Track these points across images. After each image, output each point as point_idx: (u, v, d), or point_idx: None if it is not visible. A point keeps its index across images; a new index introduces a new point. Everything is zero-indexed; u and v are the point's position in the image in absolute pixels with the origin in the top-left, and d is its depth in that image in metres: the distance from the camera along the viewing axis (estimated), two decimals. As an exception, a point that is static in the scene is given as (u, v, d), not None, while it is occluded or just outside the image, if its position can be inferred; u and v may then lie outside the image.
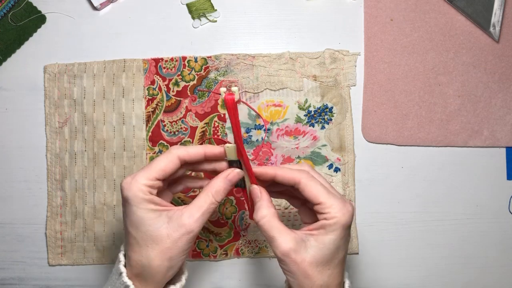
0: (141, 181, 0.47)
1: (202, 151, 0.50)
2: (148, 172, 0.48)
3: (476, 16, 0.67)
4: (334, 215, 0.46)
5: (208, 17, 0.68)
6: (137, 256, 0.47)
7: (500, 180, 0.68)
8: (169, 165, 0.49)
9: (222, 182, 0.49)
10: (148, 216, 0.47)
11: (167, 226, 0.47)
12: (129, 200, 0.47)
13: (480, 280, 0.68)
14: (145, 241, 0.47)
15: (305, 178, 0.48)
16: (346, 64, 0.67)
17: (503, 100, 0.68)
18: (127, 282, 0.47)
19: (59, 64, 0.67)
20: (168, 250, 0.47)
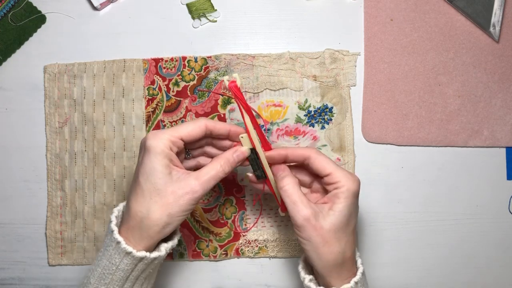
0: (165, 135, 0.51)
1: (228, 127, 0.54)
2: (174, 130, 0.51)
3: (476, 16, 0.67)
4: (345, 183, 0.51)
5: (208, 17, 0.68)
6: (139, 207, 0.50)
7: (500, 180, 0.68)
8: (195, 129, 0.52)
9: (231, 154, 0.53)
10: (161, 170, 0.50)
11: (174, 184, 0.50)
12: (150, 148, 0.50)
13: (480, 280, 0.68)
14: (150, 193, 0.50)
15: (314, 153, 0.53)
16: (346, 64, 0.67)
17: (503, 100, 0.68)
18: (118, 238, 0.49)
19: (59, 64, 0.68)
20: (169, 206, 0.50)
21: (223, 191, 0.67)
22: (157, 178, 0.50)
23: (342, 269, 0.51)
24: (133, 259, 0.50)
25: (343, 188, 0.51)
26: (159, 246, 0.53)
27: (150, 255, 0.50)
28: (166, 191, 0.50)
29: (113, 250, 0.50)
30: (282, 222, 0.67)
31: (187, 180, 0.50)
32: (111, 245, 0.50)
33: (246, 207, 0.67)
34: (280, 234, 0.67)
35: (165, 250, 0.52)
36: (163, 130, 0.51)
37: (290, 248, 0.67)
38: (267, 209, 0.67)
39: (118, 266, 0.50)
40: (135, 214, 0.50)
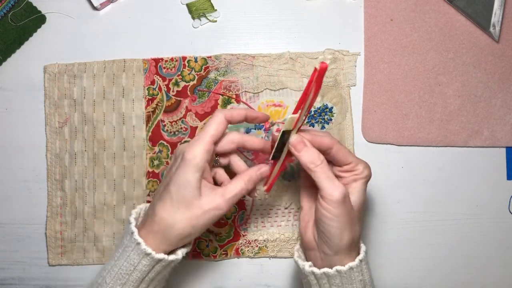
0: (201, 146, 0.52)
1: (244, 112, 0.56)
2: (203, 138, 0.53)
3: (476, 16, 0.67)
4: (363, 169, 0.55)
5: (208, 17, 0.68)
6: (166, 215, 0.52)
7: (500, 180, 0.68)
8: (219, 126, 0.54)
9: (255, 173, 0.56)
10: (194, 183, 0.52)
11: (202, 198, 0.52)
12: (187, 160, 0.52)
13: (480, 280, 0.68)
14: (179, 202, 0.52)
15: (336, 144, 0.55)
16: (346, 64, 0.67)
17: (503, 100, 0.68)
18: (138, 239, 0.51)
19: (59, 64, 0.68)
20: (195, 219, 0.52)
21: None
22: (188, 191, 0.52)
23: (352, 248, 0.53)
24: (151, 261, 0.51)
25: (363, 174, 0.55)
26: (176, 250, 0.54)
27: (168, 257, 0.52)
28: (194, 205, 0.52)
29: (132, 250, 0.51)
30: (282, 222, 0.67)
31: (214, 196, 0.53)
32: (130, 246, 0.52)
33: (246, 207, 0.67)
34: (280, 234, 0.67)
35: (181, 254, 0.54)
36: (196, 140, 0.53)
37: (290, 248, 0.67)
38: (267, 209, 0.67)
39: (136, 266, 0.51)
40: (161, 221, 0.52)
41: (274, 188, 0.67)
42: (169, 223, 0.52)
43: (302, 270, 0.55)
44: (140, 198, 0.67)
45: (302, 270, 0.55)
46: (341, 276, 0.52)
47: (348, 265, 0.52)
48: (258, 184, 0.58)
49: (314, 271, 0.53)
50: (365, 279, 0.53)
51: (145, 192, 0.67)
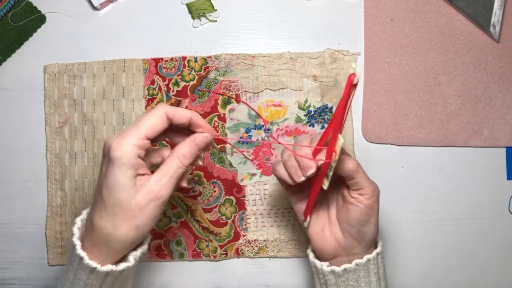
0: (130, 141, 0.46)
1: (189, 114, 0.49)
2: (137, 130, 0.46)
3: (476, 16, 0.67)
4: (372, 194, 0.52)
5: (208, 17, 0.68)
6: (103, 223, 0.46)
7: (500, 180, 0.68)
8: (157, 122, 0.47)
9: (188, 146, 0.49)
10: (125, 183, 0.46)
11: (137, 194, 0.46)
12: (114, 159, 0.45)
13: (480, 280, 0.68)
14: (113, 208, 0.46)
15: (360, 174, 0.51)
16: (346, 64, 0.67)
17: (503, 100, 0.68)
18: (81, 253, 0.46)
19: (59, 64, 0.67)
20: (135, 218, 0.46)
21: (223, 191, 0.67)
22: (120, 192, 0.45)
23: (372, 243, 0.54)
24: (98, 274, 0.46)
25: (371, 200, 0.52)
26: (128, 255, 0.49)
27: (116, 268, 0.47)
28: (130, 205, 0.46)
29: (78, 265, 0.46)
30: (282, 222, 0.67)
31: (148, 186, 0.46)
32: (75, 261, 0.47)
33: (246, 207, 0.67)
34: (280, 234, 0.67)
35: (133, 259, 0.49)
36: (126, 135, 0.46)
37: (290, 248, 0.67)
38: (267, 209, 0.67)
39: (86, 281, 0.46)
40: (100, 231, 0.46)
41: (274, 188, 0.67)
42: (109, 231, 0.46)
43: (320, 271, 0.54)
44: (140, 198, 0.67)
45: (320, 271, 0.54)
46: (358, 269, 0.52)
47: (366, 257, 0.52)
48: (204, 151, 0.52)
49: (334, 270, 0.52)
50: (379, 273, 0.53)
51: (145, 192, 0.67)
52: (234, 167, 0.67)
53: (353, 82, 0.43)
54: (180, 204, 0.67)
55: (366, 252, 0.53)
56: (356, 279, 0.52)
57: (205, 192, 0.67)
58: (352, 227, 0.52)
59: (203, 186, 0.67)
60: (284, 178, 0.52)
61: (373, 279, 0.53)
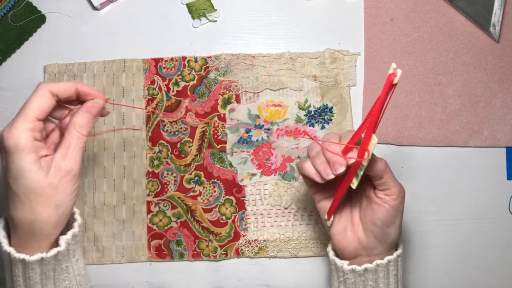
0: (22, 126, 0.45)
1: (73, 85, 0.49)
2: (25, 115, 0.46)
3: (476, 16, 0.67)
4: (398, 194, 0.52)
5: (208, 17, 0.68)
6: (22, 214, 0.45)
7: (500, 180, 0.68)
8: (43, 101, 0.47)
9: (82, 115, 0.49)
10: (29, 168, 0.45)
11: (46, 176, 0.46)
12: (10, 149, 0.44)
13: (480, 280, 0.68)
14: (27, 196, 0.45)
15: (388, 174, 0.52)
16: (346, 64, 0.67)
17: (503, 100, 0.68)
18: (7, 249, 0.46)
19: (59, 64, 0.67)
20: (52, 199, 0.45)
21: (223, 191, 0.67)
22: (28, 178, 0.45)
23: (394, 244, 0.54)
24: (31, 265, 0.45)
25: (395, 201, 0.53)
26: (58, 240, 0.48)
27: (47, 254, 0.46)
28: (42, 187, 0.45)
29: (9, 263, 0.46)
30: (282, 222, 0.67)
31: (55, 163, 0.46)
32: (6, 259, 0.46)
33: (246, 207, 0.67)
34: (280, 234, 0.67)
35: (64, 243, 0.48)
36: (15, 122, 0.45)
37: (290, 248, 0.67)
38: (267, 209, 0.67)
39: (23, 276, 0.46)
40: (21, 223, 0.46)
41: (274, 188, 0.67)
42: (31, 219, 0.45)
43: (340, 269, 0.54)
44: (140, 198, 0.67)
45: (340, 269, 0.54)
46: (379, 270, 0.52)
47: (387, 258, 0.52)
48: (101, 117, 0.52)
49: (355, 269, 0.53)
50: (398, 275, 0.54)
51: (145, 192, 0.67)
52: (234, 167, 0.67)
53: (393, 82, 0.43)
54: (180, 204, 0.67)
55: (387, 253, 0.54)
56: (375, 279, 0.52)
57: (205, 192, 0.67)
58: (376, 228, 0.53)
59: (203, 186, 0.67)
60: (312, 176, 0.51)
61: (391, 281, 0.53)
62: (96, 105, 0.50)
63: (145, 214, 0.67)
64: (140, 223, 0.67)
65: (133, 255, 0.67)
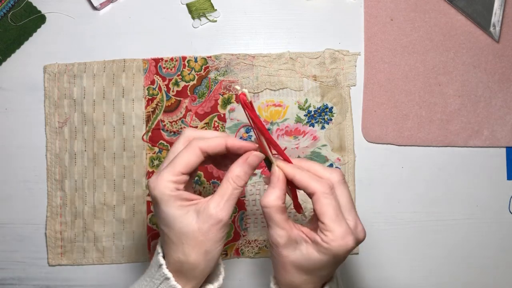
0: (167, 178, 0.47)
1: (223, 142, 0.49)
2: (172, 168, 0.48)
3: (476, 16, 0.67)
4: (329, 241, 0.45)
5: (208, 17, 0.68)
6: (174, 253, 0.48)
7: (500, 180, 0.68)
8: (192, 158, 0.48)
9: (240, 166, 0.49)
10: (178, 214, 0.47)
11: (197, 220, 0.47)
12: (157, 199, 0.47)
13: (480, 280, 0.68)
14: (179, 238, 0.47)
15: (320, 193, 0.46)
16: (346, 64, 0.67)
17: (503, 100, 0.68)
18: (168, 274, 0.48)
19: (59, 64, 0.67)
20: (202, 244, 0.47)
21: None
22: (178, 223, 0.47)
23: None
24: None
25: (324, 245, 0.45)
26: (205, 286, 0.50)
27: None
28: (193, 231, 0.47)
29: (161, 284, 0.48)
30: (282, 222, 0.67)
31: (208, 211, 0.47)
32: (158, 279, 0.48)
33: (246, 207, 0.67)
34: (280, 234, 0.67)
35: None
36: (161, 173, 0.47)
37: (290, 248, 0.67)
38: (267, 209, 0.67)
39: None
40: (174, 260, 0.48)
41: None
42: (182, 260, 0.47)
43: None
44: (140, 198, 0.67)
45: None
46: None
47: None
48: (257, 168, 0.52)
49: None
50: None
51: (145, 192, 0.67)
52: (234, 167, 0.67)
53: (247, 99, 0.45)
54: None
55: None
56: None
57: (205, 192, 0.67)
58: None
59: (203, 186, 0.67)
60: None
61: None
62: (257, 158, 0.50)
63: (145, 214, 0.67)
64: (140, 223, 0.67)
65: (133, 255, 0.67)
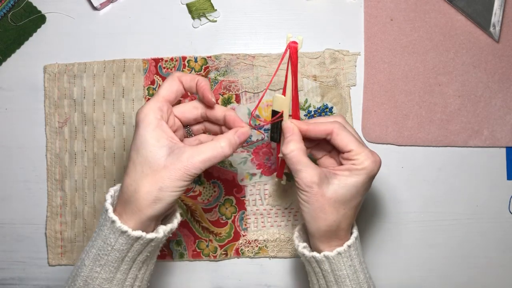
0: (151, 105, 0.50)
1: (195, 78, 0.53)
2: (156, 96, 0.51)
3: (476, 16, 0.67)
4: (363, 161, 0.50)
5: (208, 17, 0.68)
6: (129, 180, 0.49)
7: (500, 180, 0.68)
8: (172, 85, 0.52)
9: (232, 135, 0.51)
10: (152, 142, 0.48)
11: (166, 157, 0.48)
12: (138, 121, 0.49)
13: (480, 280, 0.68)
14: (141, 165, 0.48)
15: (337, 128, 0.51)
16: (346, 64, 0.67)
17: (503, 100, 0.68)
18: (113, 217, 0.48)
19: (59, 64, 0.68)
20: (160, 180, 0.48)
21: (223, 191, 0.67)
22: (148, 150, 0.48)
23: (333, 238, 0.52)
24: (128, 239, 0.48)
25: (360, 166, 0.50)
26: (157, 228, 0.51)
27: (146, 235, 0.48)
28: (158, 164, 0.48)
29: (108, 229, 0.48)
30: (282, 222, 0.67)
31: (183, 155, 0.48)
32: (105, 225, 0.48)
33: (246, 207, 0.67)
34: (280, 234, 0.67)
35: (163, 232, 0.50)
36: (149, 101, 0.51)
37: (290, 248, 0.67)
38: (267, 209, 0.67)
39: (114, 246, 0.48)
40: (126, 188, 0.49)
41: (274, 188, 0.67)
42: (133, 188, 0.48)
43: (296, 249, 0.55)
44: (140, 198, 0.67)
45: (296, 249, 0.55)
46: (329, 261, 0.51)
47: (336, 250, 0.51)
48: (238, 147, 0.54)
49: (305, 254, 0.53)
50: (355, 265, 0.52)
51: (145, 192, 0.67)
52: (234, 167, 0.67)
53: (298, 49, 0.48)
54: (180, 204, 0.67)
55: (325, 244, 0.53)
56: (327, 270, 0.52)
57: (205, 192, 0.67)
58: None
59: (203, 186, 0.67)
60: None
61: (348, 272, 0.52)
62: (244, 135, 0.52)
63: (145, 214, 0.67)
64: (140, 223, 0.67)
65: (133, 255, 0.67)
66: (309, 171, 0.50)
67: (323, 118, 0.54)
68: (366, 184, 0.51)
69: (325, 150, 0.56)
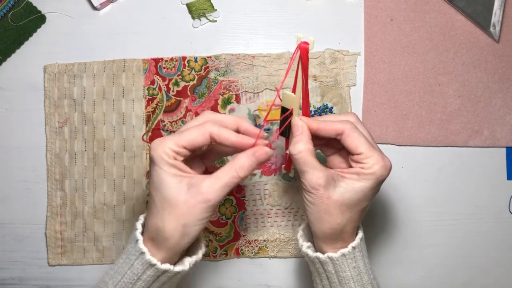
0: (168, 145, 0.47)
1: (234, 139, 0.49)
2: (177, 138, 0.48)
3: (476, 16, 0.67)
4: (372, 165, 0.49)
5: (208, 17, 0.68)
6: (154, 219, 0.48)
7: (500, 180, 0.68)
8: (198, 138, 0.48)
9: (247, 158, 0.49)
10: (169, 180, 0.47)
11: (186, 192, 0.47)
12: (154, 160, 0.48)
13: (480, 280, 0.68)
14: (162, 204, 0.47)
15: (349, 129, 0.50)
16: (346, 64, 0.67)
17: (503, 100, 0.68)
18: (143, 248, 0.48)
19: (59, 64, 0.67)
20: (183, 216, 0.47)
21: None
22: (167, 189, 0.47)
23: (337, 240, 0.51)
24: (156, 271, 0.48)
25: (369, 170, 0.49)
26: (183, 260, 0.51)
27: (173, 268, 0.48)
28: (177, 201, 0.47)
29: (136, 259, 0.48)
30: (282, 222, 0.67)
31: (199, 187, 0.47)
32: (134, 254, 0.48)
33: (246, 207, 0.67)
34: (280, 234, 0.67)
35: (188, 264, 0.50)
36: (165, 138, 0.48)
37: (290, 248, 0.67)
38: (267, 209, 0.67)
39: (140, 276, 0.48)
40: (151, 227, 0.48)
41: (274, 188, 0.67)
42: (158, 227, 0.48)
43: (300, 249, 0.54)
44: (140, 198, 0.67)
45: (300, 249, 0.54)
46: (333, 263, 0.51)
47: (340, 251, 0.50)
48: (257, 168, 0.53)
49: (309, 254, 0.52)
50: (359, 266, 0.51)
51: (145, 192, 0.67)
52: (234, 167, 0.67)
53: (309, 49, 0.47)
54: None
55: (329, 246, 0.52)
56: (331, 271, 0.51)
57: (205, 192, 0.67)
58: None
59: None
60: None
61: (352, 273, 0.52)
62: (266, 154, 0.50)
63: (145, 214, 0.67)
64: (140, 223, 0.67)
65: (133, 255, 0.67)
66: (316, 173, 0.49)
67: (335, 117, 0.52)
68: (375, 189, 0.50)
69: (335, 148, 0.55)
